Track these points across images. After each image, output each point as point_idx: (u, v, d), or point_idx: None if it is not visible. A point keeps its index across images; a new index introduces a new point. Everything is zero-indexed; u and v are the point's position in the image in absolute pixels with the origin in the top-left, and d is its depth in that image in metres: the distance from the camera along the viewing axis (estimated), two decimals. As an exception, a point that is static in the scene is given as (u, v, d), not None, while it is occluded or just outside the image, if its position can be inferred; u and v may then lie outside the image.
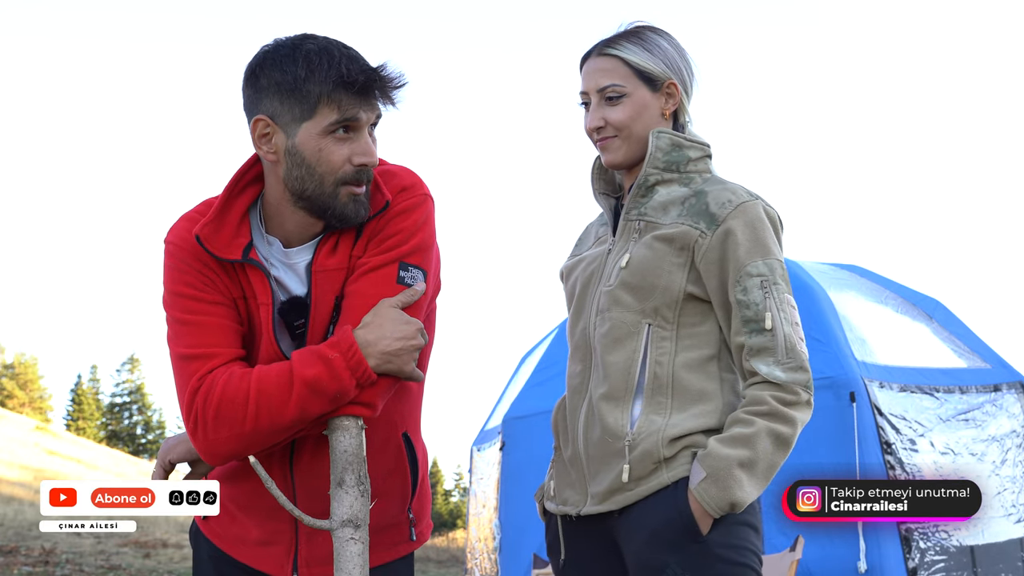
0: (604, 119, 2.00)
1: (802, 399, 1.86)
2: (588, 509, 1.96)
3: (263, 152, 1.78)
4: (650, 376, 1.92)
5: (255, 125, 1.76)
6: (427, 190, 1.86)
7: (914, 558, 4.99)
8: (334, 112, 1.72)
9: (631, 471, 1.89)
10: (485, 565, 7.25)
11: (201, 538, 2.00)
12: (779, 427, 1.83)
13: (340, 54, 1.73)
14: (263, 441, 1.73)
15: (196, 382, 1.73)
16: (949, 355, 6.18)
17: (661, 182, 2.00)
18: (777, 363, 1.86)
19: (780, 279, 1.91)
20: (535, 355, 7.52)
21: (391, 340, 1.71)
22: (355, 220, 1.79)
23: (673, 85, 2.02)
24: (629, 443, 1.90)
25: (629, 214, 2.02)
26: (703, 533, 1.83)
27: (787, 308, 1.90)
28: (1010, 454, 5.76)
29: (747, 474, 1.81)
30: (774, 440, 1.83)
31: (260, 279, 1.80)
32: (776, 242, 1.95)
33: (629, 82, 1.99)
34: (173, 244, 1.83)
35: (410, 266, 1.79)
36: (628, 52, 2.00)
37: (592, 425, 1.96)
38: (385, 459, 1.89)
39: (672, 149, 2.00)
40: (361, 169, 1.76)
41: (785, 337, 1.87)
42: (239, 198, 1.83)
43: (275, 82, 1.73)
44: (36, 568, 10.38)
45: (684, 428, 1.88)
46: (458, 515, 40.28)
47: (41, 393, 49.09)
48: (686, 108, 2.06)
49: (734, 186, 1.98)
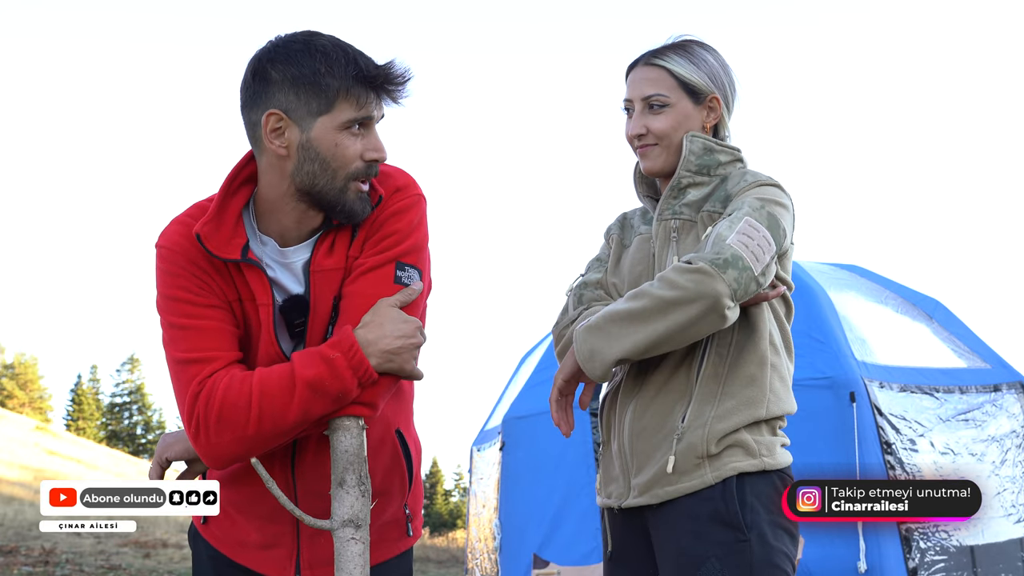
0: (646, 127, 2.05)
1: (699, 267, 1.81)
2: (630, 501, 1.99)
3: (274, 147, 1.76)
4: (708, 367, 1.94)
5: (267, 119, 1.75)
6: (420, 191, 1.87)
7: (914, 558, 4.99)
8: (352, 107, 1.73)
9: (676, 463, 1.90)
10: (485, 565, 7.25)
11: (200, 540, 1.99)
12: (662, 293, 1.82)
13: (353, 50, 1.75)
14: (266, 443, 1.72)
15: (196, 386, 1.73)
16: (949, 355, 6.18)
17: (693, 184, 2.05)
18: (697, 255, 1.85)
19: (751, 211, 1.89)
20: (535, 355, 7.52)
21: (391, 339, 1.71)
22: (361, 216, 1.80)
23: (716, 100, 2.07)
24: (678, 436, 1.92)
25: (663, 214, 2.07)
26: (568, 375, 1.92)
27: (743, 225, 1.87)
28: (1010, 454, 5.76)
29: (618, 327, 1.85)
30: (651, 300, 1.83)
31: (259, 279, 1.79)
32: (783, 215, 1.94)
33: (673, 93, 2.04)
34: (166, 248, 1.82)
35: (406, 265, 1.80)
36: (674, 64, 2.05)
37: (641, 418, 1.98)
38: (383, 457, 1.89)
39: (704, 153, 2.04)
40: (372, 164, 1.77)
41: (718, 236, 1.85)
42: (234, 198, 1.83)
43: (290, 76, 1.72)
44: (36, 568, 10.38)
45: (730, 424, 1.90)
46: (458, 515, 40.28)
47: (41, 393, 49.07)
48: (726, 123, 2.11)
49: (755, 172, 2.03)
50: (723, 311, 1.81)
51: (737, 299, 1.82)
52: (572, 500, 6.17)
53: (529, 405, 6.84)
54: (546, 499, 6.36)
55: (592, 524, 5.91)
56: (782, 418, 2.00)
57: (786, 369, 2.01)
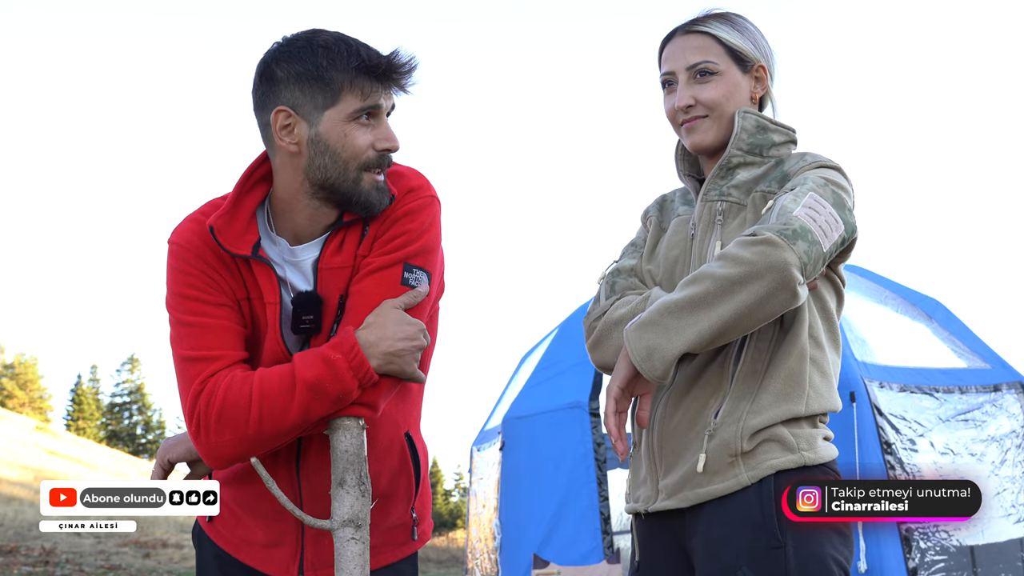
0: (694, 97, 1.90)
1: (765, 237, 1.64)
2: (658, 505, 1.86)
3: (284, 143, 1.77)
4: (746, 361, 1.80)
5: (275, 117, 1.76)
6: (434, 192, 1.86)
7: (914, 558, 4.99)
8: (357, 98, 1.74)
9: (707, 462, 1.77)
10: (486, 565, 7.24)
11: (205, 539, 1.99)
12: (724, 271, 1.64)
13: (356, 43, 1.75)
14: (266, 444, 1.72)
15: (199, 385, 1.73)
16: (949, 355, 6.18)
17: (743, 164, 1.91)
18: (762, 225, 1.69)
19: (815, 185, 1.74)
20: (535, 355, 7.52)
21: (393, 341, 1.71)
22: (378, 208, 1.79)
23: (762, 68, 1.95)
24: (710, 432, 1.78)
25: (708, 194, 1.92)
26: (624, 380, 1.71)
27: (806, 199, 1.71)
28: (1010, 454, 5.76)
29: (675, 318, 1.66)
30: (712, 282, 1.65)
31: (268, 277, 1.80)
32: (847, 195, 1.79)
33: (722, 60, 1.91)
34: (177, 245, 1.83)
35: (414, 267, 1.79)
36: (720, 30, 1.92)
37: (671, 416, 1.85)
38: (391, 460, 1.89)
39: (757, 131, 1.90)
40: (383, 154, 1.77)
41: (783, 209, 1.70)
42: (248, 196, 1.83)
43: (295, 73, 1.74)
44: (36, 568, 10.38)
45: (766, 418, 1.76)
46: (458, 515, 40.27)
47: (41, 393, 49.05)
48: (772, 95, 1.98)
49: (815, 153, 1.89)
50: (795, 287, 1.63)
51: (807, 275, 1.65)
52: (572, 500, 6.17)
53: (529, 405, 6.84)
54: (546, 499, 6.36)
55: (592, 524, 5.91)
56: (824, 415, 1.86)
57: (829, 364, 1.86)
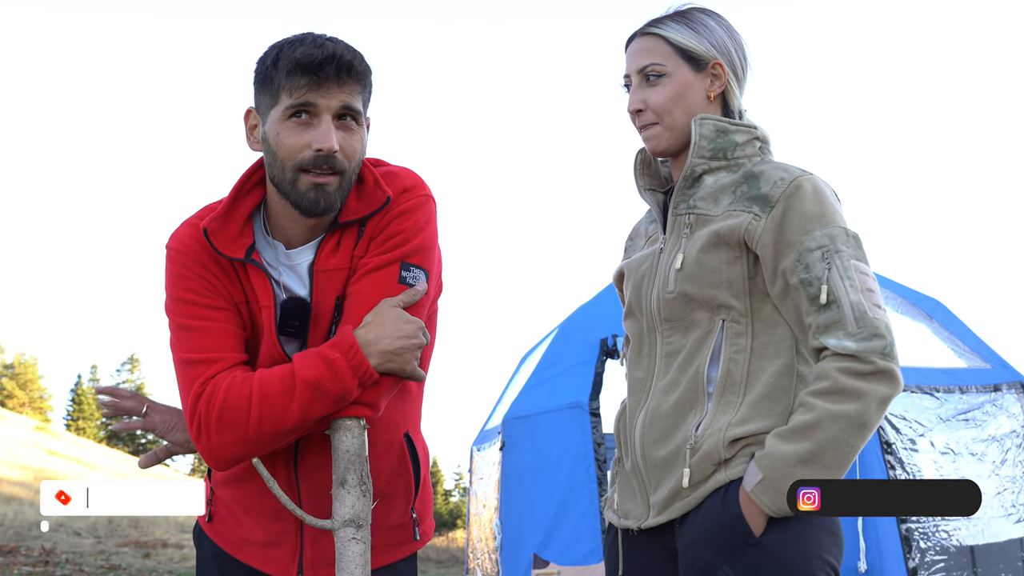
0: (644, 101, 1.91)
1: (878, 367, 1.71)
2: (650, 522, 1.86)
3: (251, 143, 1.82)
4: (723, 374, 1.81)
5: (246, 117, 1.82)
6: (429, 191, 1.86)
7: (914, 558, 4.99)
8: (289, 96, 1.72)
9: (692, 475, 1.79)
10: (486, 565, 7.25)
11: (205, 539, 2.00)
12: (845, 407, 1.68)
13: (312, 42, 1.72)
14: (267, 444, 1.72)
15: (199, 387, 1.73)
16: (949, 355, 6.18)
17: (709, 171, 1.90)
18: (848, 335, 1.72)
19: (844, 245, 1.77)
20: (535, 355, 7.52)
21: (392, 339, 1.70)
22: (321, 211, 1.76)
23: (719, 65, 1.92)
24: (691, 446, 1.80)
25: (677, 208, 1.93)
26: (756, 535, 1.70)
27: (854, 275, 1.75)
28: (1010, 454, 5.76)
29: (812, 469, 1.67)
30: (840, 424, 1.68)
31: (262, 281, 1.80)
32: (836, 211, 1.82)
33: (670, 61, 1.90)
34: (175, 250, 1.83)
35: (412, 266, 1.78)
36: (671, 31, 1.92)
37: (651, 432, 1.87)
38: (389, 460, 1.89)
39: (717, 135, 1.89)
40: (319, 155, 1.72)
41: (852, 305, 1.73)
42: (245, 199, 1.84)
43: (256, 73, 1.78)
44: (36, 568, 10.38)
45: (748, 429, 1.77)
46: (458, 515, 40.27)
47: (41, 393, 49.05)
48: (736, 92, 1.95)
49: (785, 165, 1.88)
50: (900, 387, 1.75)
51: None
52: (572, 500, 6.17)
53: (529, 405, 6.84)
54: (546, 499, 6.36)
55: (592, 524, 5.91)
56: None
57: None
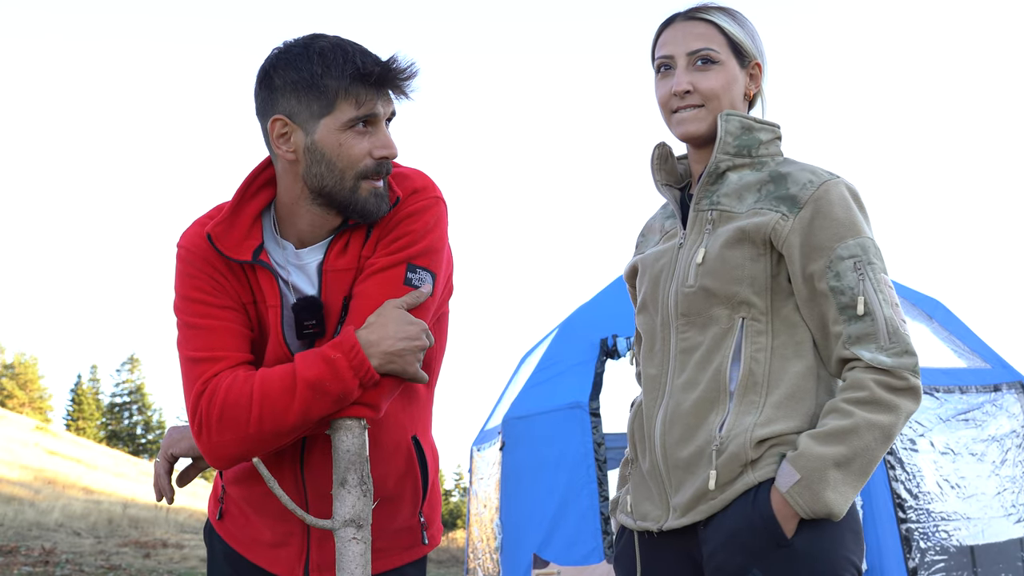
0: (693, 84, 1.87)
1: (910, 384, 1.74)
2: (671, 524, 1.83)
3: (281, 152, 1.78)
4: (744, 374, 1.79)
5: (272, 125, 1.77)
6: (439, 193, 1.86)
7: (914, 558, 4.99)
8: (352, 107, 1.73)
9: (718, 477, 1.76)
10: (487, 565, 7.25)
11: (215, 537, 2.01)
12: (880, 417, 1.71)
13: (353, 49, 1.74)
14: (267, 443, 1.73)
15: (201, 385, 1.74)
16: (949, 355, 6.18)
17: (732, 168, 1.89)
18: (880, 348, 1.74)
19: (875, 258, 1.79)
20: (535, 355, 7.52)
21: (394, 340, 1.70)
22: (377, 215, 1.79)
23: (758, 66, 1.93)
24: (717, 447, 1.77)
25: (700, 204, 1.90)
26: (788, 536, 1.70)
27: (884, 289, 1.78)
28: (1010, 454, 5.76)
29: (843, 474, 1.69)
30: (875, 433, 1.70)
31: (269, 281, 1.80)
32: (865, 220, 1.83)
33: (723, 50, 1.88)
34: (185, 249, 1.84)
35: (418, 268, 1.78)
36: (723, 21, 1.90)
37: (672, 432, 1.83)
38: (397, 463, 1.89)
39: (743, 132, 1.88)
40: (381, 162, 1.77)
41: (886, 320, 1.75)
42: (251, 201, 1.84)
43: (291, 81, 1.74)
44: (36, 568, 10.38)
45: (774, 429, 1.76)
46: (458, 515, 40.23)
47: (41, 393, 49.05)
48: (763, 93, 1.96)
49: (812, 166, 1.86)
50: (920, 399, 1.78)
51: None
52: (572, 500, 6.17)
53: (529, 405, 6.84)
54: (546, 499, 6.36)
55: (592, 524, 5.91)
56: None
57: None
